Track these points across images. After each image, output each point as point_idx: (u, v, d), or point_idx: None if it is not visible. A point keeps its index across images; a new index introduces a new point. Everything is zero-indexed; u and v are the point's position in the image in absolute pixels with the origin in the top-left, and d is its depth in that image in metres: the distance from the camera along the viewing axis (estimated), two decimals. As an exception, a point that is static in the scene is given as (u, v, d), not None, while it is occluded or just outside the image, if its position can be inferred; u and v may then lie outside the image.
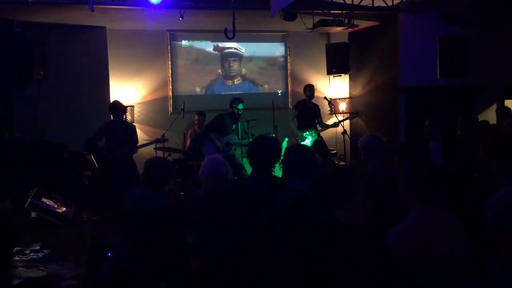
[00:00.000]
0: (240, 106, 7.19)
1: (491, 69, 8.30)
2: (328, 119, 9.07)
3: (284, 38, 9.44)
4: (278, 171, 3.67)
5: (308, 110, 7.96)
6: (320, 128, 7.98)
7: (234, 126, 7.33)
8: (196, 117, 8.13)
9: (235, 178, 7.15)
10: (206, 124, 7.62)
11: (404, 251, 2.38)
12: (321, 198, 2.45)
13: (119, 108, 6.72)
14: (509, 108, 7.09)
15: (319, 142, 7.92)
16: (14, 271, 2.53)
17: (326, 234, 2.25)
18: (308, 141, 7.84)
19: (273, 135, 6.81)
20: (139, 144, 7.00)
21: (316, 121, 8.01)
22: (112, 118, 6.71)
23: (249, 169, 7.32)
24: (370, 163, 3.82)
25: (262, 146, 3.47)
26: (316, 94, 8.21)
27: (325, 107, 8.63)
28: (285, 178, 3.30)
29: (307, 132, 7.86)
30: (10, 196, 4.11)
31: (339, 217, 2.45)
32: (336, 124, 7.91)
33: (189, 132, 8.15)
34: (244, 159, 7.99)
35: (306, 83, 9.19)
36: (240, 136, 7.38)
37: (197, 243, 3.16)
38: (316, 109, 8.09)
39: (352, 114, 8.10)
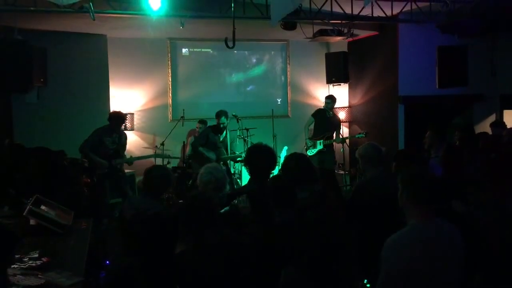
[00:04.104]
0: (223, 120, 7.18)
1: (490, 79, 8.33)
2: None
3: (284, 47, 9.48)
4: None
5: (325, 120, 7.83)
6: (330, 139, 7.81)
7: (221, 138, 7.33)
8: (197, 125, 8.15)
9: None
10: (193, 141, 7.54)
11: (402, 260, 2.38)
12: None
13: (123, 120, 6.59)
14: (504, 122, 7.08)
15: (324, 153, 7.77)
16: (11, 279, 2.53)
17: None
18: (312, 150, 7.80)
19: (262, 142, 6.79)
20: (137, 152, 6.98)
21: (334, 132, 7.82)
22: (111, 126, 6.47)
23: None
24: (369, 172, 3.83)
25: (258, 155, 3.49)
26: (316, 103, 8.24)
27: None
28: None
29: (315, 142, 7.77)
30: (9, 203, 4.12)
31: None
32: (340, 140, 7.85)
33: (188, 139, 8.18)
34: (244, 167, 8.02)
35: (305, 92, 9.24)
36: (229, 149, 7.33)
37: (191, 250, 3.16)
38: (335, 120, 7.90)
39: (361, 133, 8.01)
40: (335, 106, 9.31)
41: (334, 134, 7.88)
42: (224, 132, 7.33)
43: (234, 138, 7.56)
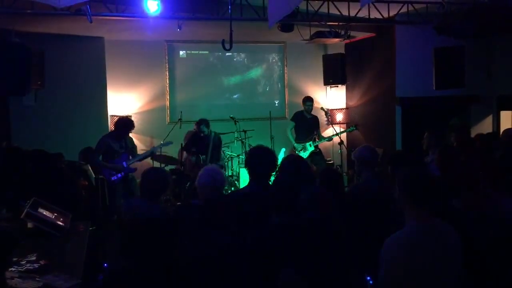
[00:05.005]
0: (203, 128, 7.29)
1: (486, 80, 8.36)
2: (325, 129, 9.10)
3: (281, 49, 9.50)
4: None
5: (305, 122, 8.01)
6: (317, 140, 8.00)
7: (207, 143, 7.41)
8: (194, 126, 8.14)
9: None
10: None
11: (401, 260, 2.39)
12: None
13: (132, 128, 6.61)
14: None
15: (316, 154, 7.92)
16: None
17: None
18: (304, 153, 7.86)
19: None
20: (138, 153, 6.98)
21: (315, 132, 8.03)
22: (118, 133, 6.49)
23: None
24: (364, 174, 3.84)
25: (259, 156, 3.50)
26: (313, 105, 8.27)
27: (322, 118, 8.67)
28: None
29: (304, 144, 7.89)
30: (6, 206, 4.11)
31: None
32: (330, 138, 8.00)
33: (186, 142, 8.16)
34: (241, 168, 8.03)
35: (303, 94, 9.24)
36: (209, 156, 7.36)
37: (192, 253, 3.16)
38: (314, 121, 8.12)
39: (351, 126, 8.12)
40: (333, 107, 9.39)
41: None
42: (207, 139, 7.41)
43: (216, 141, 7.53)
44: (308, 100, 8.12)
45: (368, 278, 2.92)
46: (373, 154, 3.87)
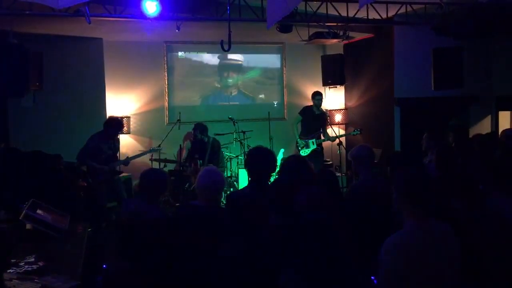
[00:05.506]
0: (197, 134, 7.39)
1: (485, 80, 8.37)
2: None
3: (280, 50, 9.50)
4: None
5: (312, 117, 7.95)
6: (322, 138, 7.94)
7: (205, 148, 7.48)
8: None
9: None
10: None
11: (399, 262, 2.39)
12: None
13: (122, 128, 6.66)
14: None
15: (317, 152, 7.88)
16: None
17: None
18: (306, 150, 7.83)
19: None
20: (133, 154, 6.96)
21: (321, 129, 7.99)
22: (107, 132, 6.41)
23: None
24: (362, 174, 3.83)
25: (259, 157, 3.50)
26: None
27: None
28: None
29: (307, 141, 7.84)
30: (5, 207, 4.10)
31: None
32: (333, 139, 7.93)
33: (184, 143, 8.16)
34: (240, 169, 8.02)
35: (302, 94, 9.27)
36: (206, 160, 7.38)
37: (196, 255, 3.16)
38: (322, 117, 8.07)
39: (355, 130, 8.06)
40: (332, 108, 9.38)
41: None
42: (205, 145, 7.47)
43: (214, 146, 7.55)
44: (317, 94, 8.02)
45: (373, 278, 2.92)
46: (370, 153, 3.86)
